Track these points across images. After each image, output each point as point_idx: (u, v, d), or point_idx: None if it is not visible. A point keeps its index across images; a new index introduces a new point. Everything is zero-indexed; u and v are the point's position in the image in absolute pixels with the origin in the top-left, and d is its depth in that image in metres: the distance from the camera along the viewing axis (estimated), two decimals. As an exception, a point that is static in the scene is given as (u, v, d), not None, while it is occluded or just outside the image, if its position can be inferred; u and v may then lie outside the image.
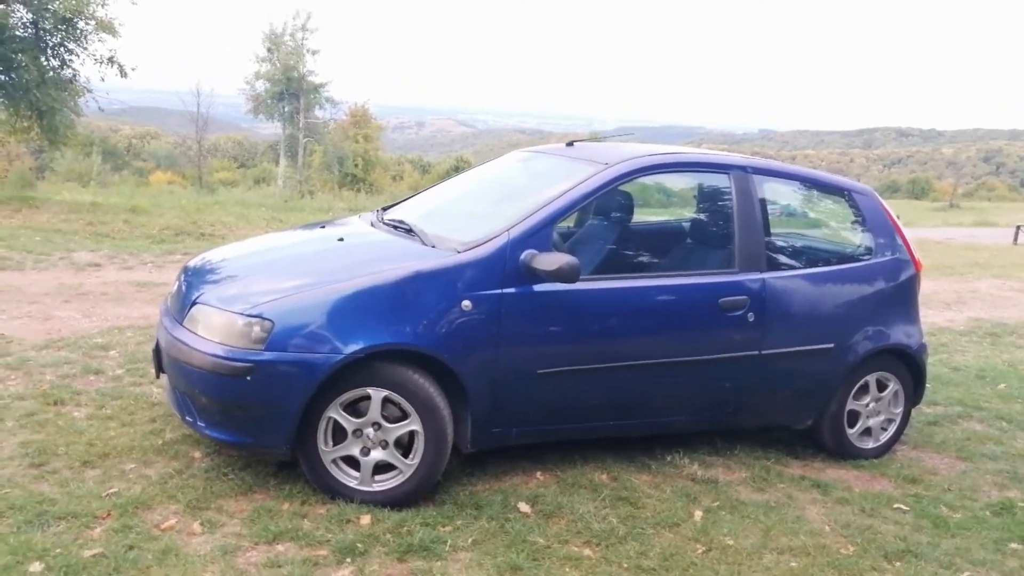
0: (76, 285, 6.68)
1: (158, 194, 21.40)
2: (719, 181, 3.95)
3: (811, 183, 4.26)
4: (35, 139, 14.82)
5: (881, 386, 4.21)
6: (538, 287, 3.30)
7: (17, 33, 13.13)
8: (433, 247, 3.39)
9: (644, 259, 3.97)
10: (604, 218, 4.36)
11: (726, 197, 3.87)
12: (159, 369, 3.36)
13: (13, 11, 13.11)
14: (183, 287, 3.47)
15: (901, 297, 4.23)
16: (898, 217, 4.33)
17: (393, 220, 3.84)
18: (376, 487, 3.18)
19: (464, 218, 3.84)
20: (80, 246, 8.60)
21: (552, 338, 3.37)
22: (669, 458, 3.87)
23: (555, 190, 3.54)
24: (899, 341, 4.15)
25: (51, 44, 13.48)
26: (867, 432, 4.24)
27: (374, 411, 3.12)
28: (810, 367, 3.96)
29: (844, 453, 4.19)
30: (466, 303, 3.19)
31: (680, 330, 3.62)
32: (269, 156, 41.76)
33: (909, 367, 4.24)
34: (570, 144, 4.23)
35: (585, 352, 3.45)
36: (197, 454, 3.48)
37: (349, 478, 3.17)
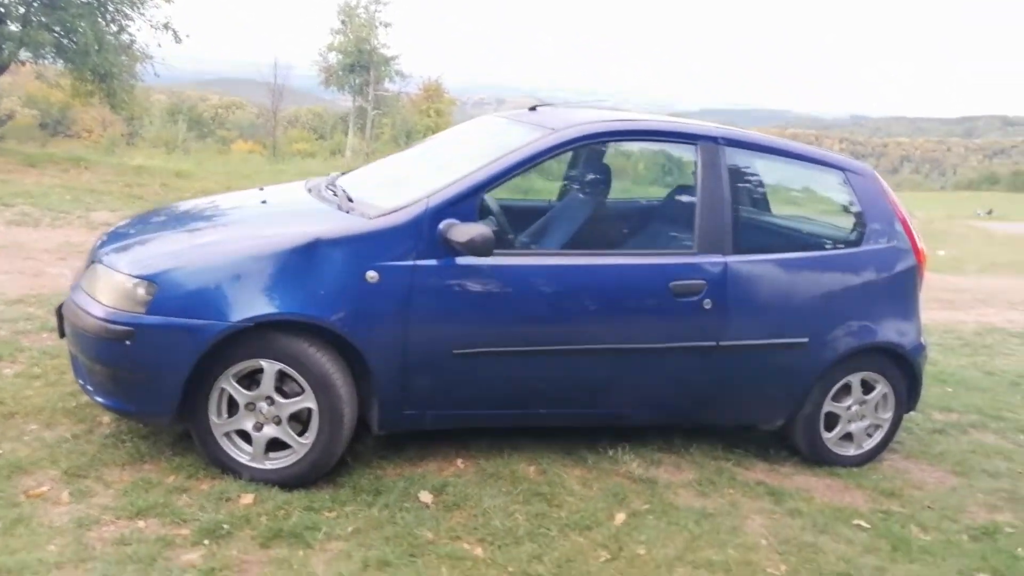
0: (79, 244, 6.72)
1: (229, 162, 21.79)
2: (684, 152, 3.57)
3: (797, 158, 3.78)
4: (97, 103, 15.24)
5: (868, 388, 3.77)
6: (460, 260, 3.03)
7: (78, -1, 13.46)
8: (347, 213, 3.15)
9: (590, 237, 3.62)
10: (580, 192, 4.04)
11: (689, 170, 3.49)
12: (61, 330, 3.24)
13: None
14: (97, 244, 3.33)
15: (895, 290, 3.76)
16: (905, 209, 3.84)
17: (332, 186, 3.62)
18: (268, 465, 2.99)
19: (397, 185, 3.58)
20: (105, 206, 8.72)
21: (470, 316, 3.09)
22: (611, 453, 3.54)
23: (489, 156, 3.24)
24: (889, 339, 3.69)
25: (109, 9, 13.77)
26: (848, 437, 3.81)
27: (267, 385, 2.92)
28: (779, 362, 3.56)
29: (819, 458, 3.77)
30: (371, 274, 2.94)
31: (620, 315, 3.28)
32: (341, 128, 42.29)
33: (902, 369, 3.77)
34: (533, 108, 3.90)
35: (508, 333, 3.15)
36: (106, 419, 3.34)
37: (241, 453, 2.99)
